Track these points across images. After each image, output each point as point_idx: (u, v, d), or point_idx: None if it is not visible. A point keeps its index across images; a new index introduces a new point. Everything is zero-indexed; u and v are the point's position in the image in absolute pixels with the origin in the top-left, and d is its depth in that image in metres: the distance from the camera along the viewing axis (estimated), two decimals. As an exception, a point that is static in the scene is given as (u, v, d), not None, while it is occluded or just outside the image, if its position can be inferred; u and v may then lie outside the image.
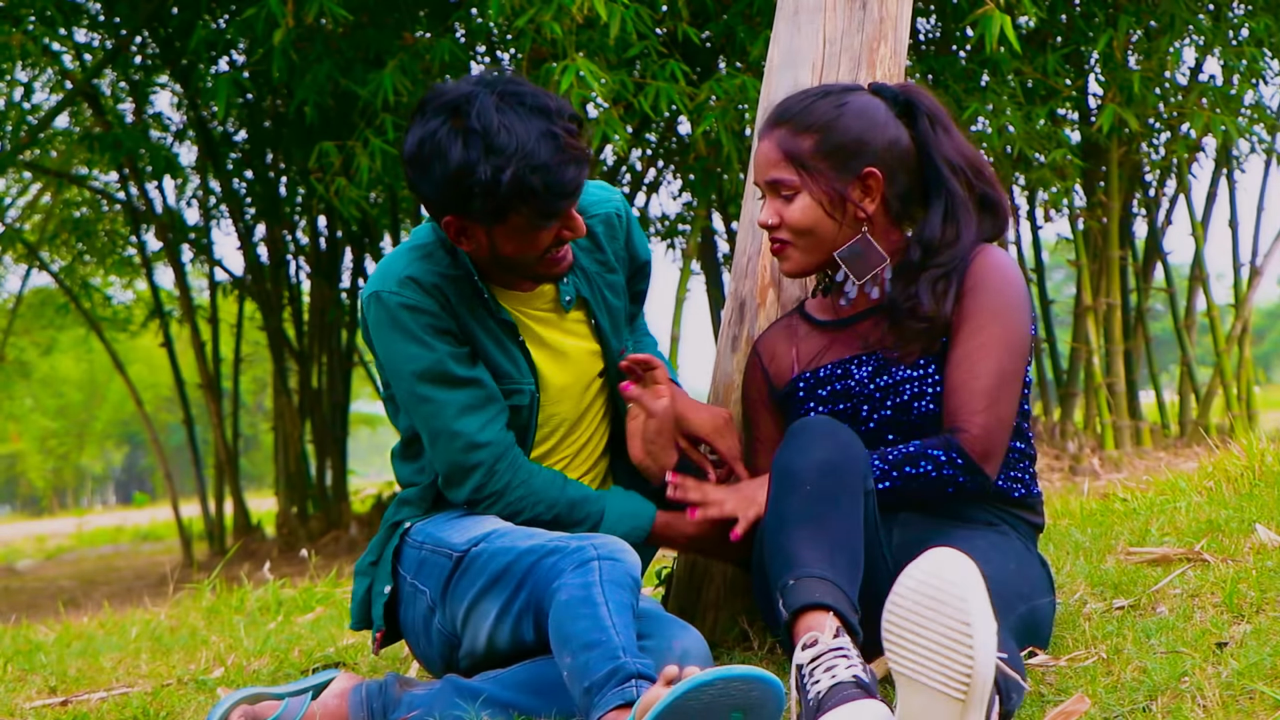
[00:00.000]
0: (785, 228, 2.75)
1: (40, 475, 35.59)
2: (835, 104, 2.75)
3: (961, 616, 2.02)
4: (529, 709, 2.64)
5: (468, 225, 2.74)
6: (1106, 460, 9.67)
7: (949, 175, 2.74)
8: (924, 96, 2.80)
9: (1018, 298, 2.71)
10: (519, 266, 2.83)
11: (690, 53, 8.19)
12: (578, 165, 2.69)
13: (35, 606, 9.06)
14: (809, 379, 2.83)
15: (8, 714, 3.20)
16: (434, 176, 2.68)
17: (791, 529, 2.41)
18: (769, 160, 2.76)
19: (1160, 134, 10.39)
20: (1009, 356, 2.68)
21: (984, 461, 2.62)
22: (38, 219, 13.81)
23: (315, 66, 7.65)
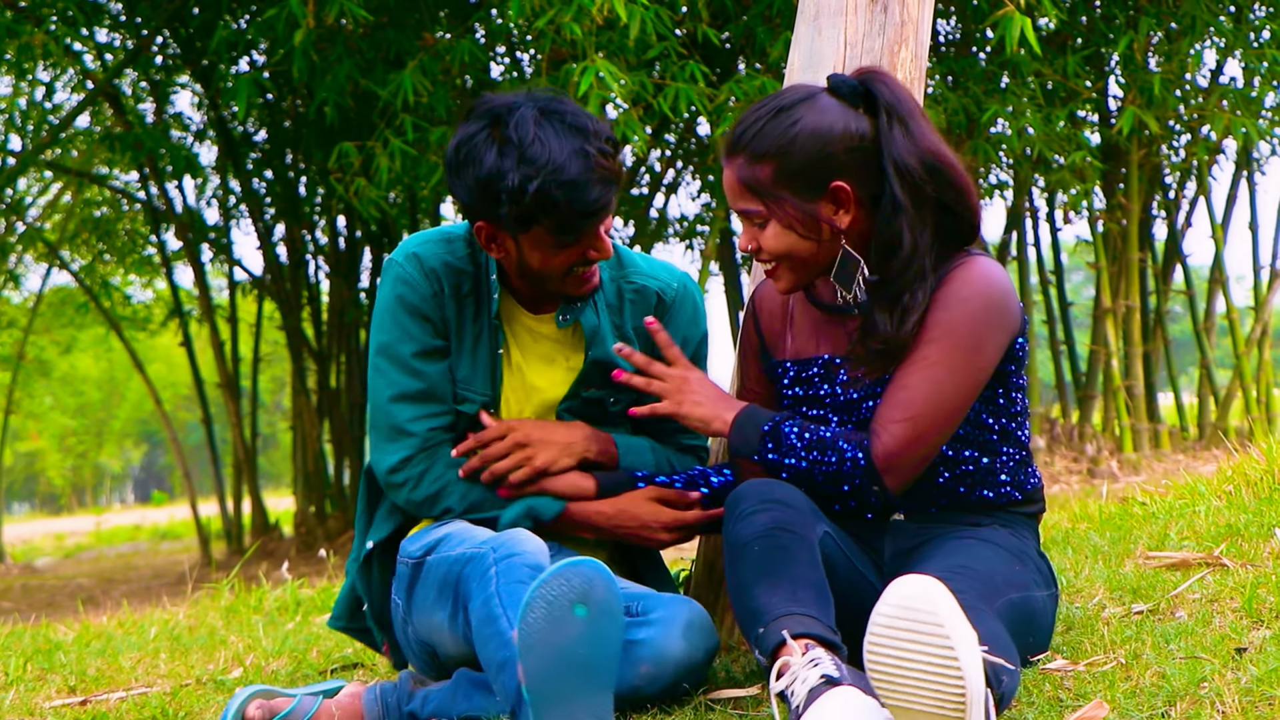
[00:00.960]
0: (765, 253, 2.68)
1: (59, 473, 35.71)
2: (788, 123, 2.62)
3: (942, 642, 2.02)
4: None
5: (497, 233, 2.81)
6: (1125, 463, 9.66)
7: (893, 177, 2.60)
8: (884, 87, 2.66)
9: (980, 315, 2.59)
10: (543, 280, 2.87)
11: (710, 54, 8.19)
12: (605, 185, 2.74)
13: (54, 604, 9.11)
14: (791, 369, 2.80)
15: (28, 713, 3.21)
16: (467, 180, 2.76)
17: (750, 588, 2.42)
18: (733, 191, 2.68)
19: (1180, 136, 10.37)
20: (950, 376, 2.58)
21: (886, 473, 2.58)
22: (58, 218, 13.86)
23: (335, 67, 7.67)
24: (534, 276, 2.87)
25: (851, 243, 2.67)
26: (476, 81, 8.83)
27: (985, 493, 2.71)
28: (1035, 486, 2.79)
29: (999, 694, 2.16)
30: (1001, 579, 2.50)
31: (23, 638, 4.43)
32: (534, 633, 2.26)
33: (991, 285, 2.61)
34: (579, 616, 2.27)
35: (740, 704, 2.64)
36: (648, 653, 2.63)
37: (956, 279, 2.61)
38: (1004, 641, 2.28)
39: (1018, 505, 2.75)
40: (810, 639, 2.28)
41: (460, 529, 2.81)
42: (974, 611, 2.30)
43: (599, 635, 2.28)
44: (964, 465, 2.69)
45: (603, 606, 2.29)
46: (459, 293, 2.91)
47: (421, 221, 11.64)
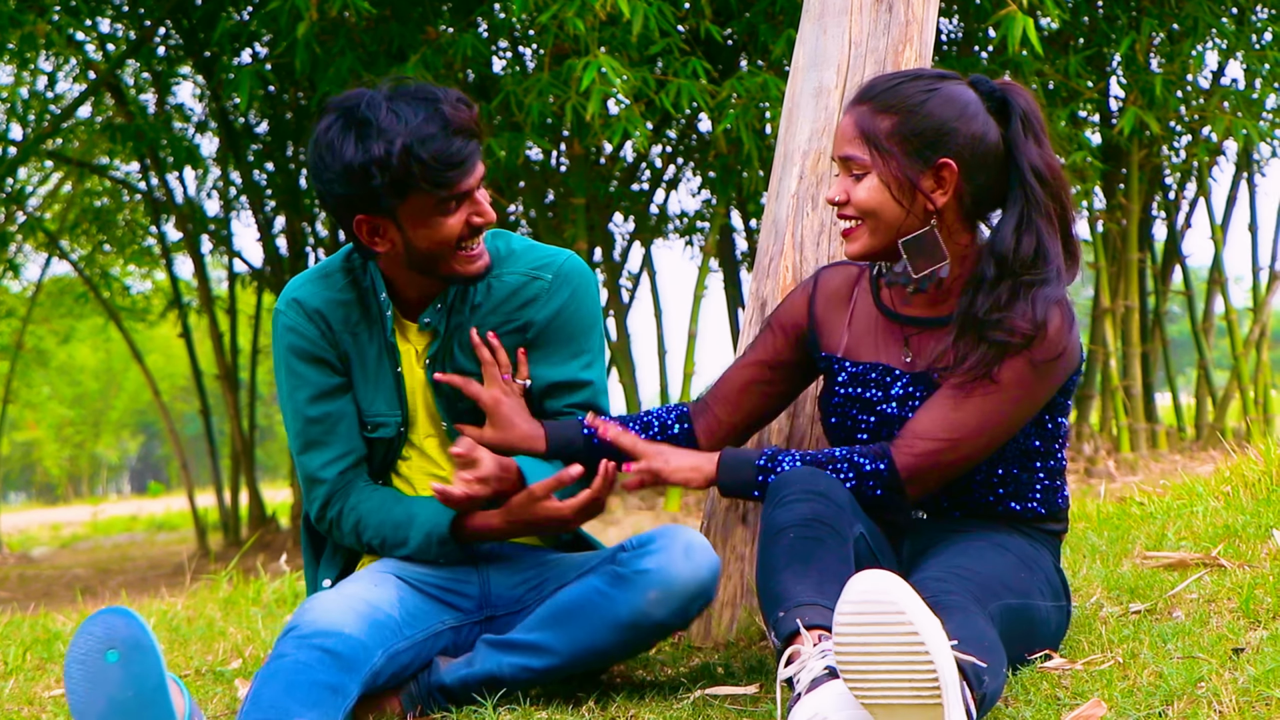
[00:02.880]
0: (851, 205, 2.66)
1: (56, 463, 35.70)
2: (924, 88, 2.64)
3: (906, 629, 2.04)
4: (554, 641, 2.72)
5: (378, 222, 2.79)
6: (1122, 463, 9.67)
7: (1032, 181, 2.60)
8: (1022, 97, 2.67)
9: (1068, 349, 2.59)
10: (435, 262, 2.83)
11: (712, 50, 8.19)
12: (465, 137, 2.74)
13: (50, 594, 9.11)
14: (848, 368, 2.76)
15: (27, 702, 3.22)
16: (334, 172, 2.73)
17: (777, 573, 2.43)
18: (845, 136, 2.67)
19: (1181, 137, 10.38)
20: (1013, 407, 2.58)
21: (909, 483, 2.59)
22: (58, 208, 13.86)
23: (338, 60, 7.67)
24: (424, 260, 2.83)
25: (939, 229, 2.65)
26: (479, 75, 8.84)
27: (1013, 505, 2.71)
28: (1062, 506, 2.78)
29: (980, 694, 2.17)
30: (1001, 583, 2.50)
31: (21, 627, 4.44)
32: (79, 694, 2.30)
33: (1067, 336, 2.59)
34: (112, 663, 2.30)
35: (739, 700, 2.65)
36: (654, 579, 2.69)
37: (1053, 312, 2.57)
38: (988, 642, 2.27)
39: (1042, 521, 2.75)
40: (827, 631, 2.28)
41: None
42: (963, 612, 2.31)
43: (137, 673, 2.32)
44: (998, 478, 2.69)
45: (132, 644, 2.32)
46: (348, 323, 2.93)
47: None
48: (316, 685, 2.51)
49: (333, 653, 2.58)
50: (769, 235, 3.24)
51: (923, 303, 2.73)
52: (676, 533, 2.76)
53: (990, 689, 2.22)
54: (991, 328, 2.56)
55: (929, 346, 2.69)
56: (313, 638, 2.58)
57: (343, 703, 2.55)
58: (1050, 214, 2.61)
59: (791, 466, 2.62)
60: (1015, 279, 2.57)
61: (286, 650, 2.57)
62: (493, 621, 2.92)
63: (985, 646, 2.25)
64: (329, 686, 2.53)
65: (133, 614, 2.31)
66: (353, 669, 2.60)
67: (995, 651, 2.28)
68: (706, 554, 2.74)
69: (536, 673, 2.74)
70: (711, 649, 3.16)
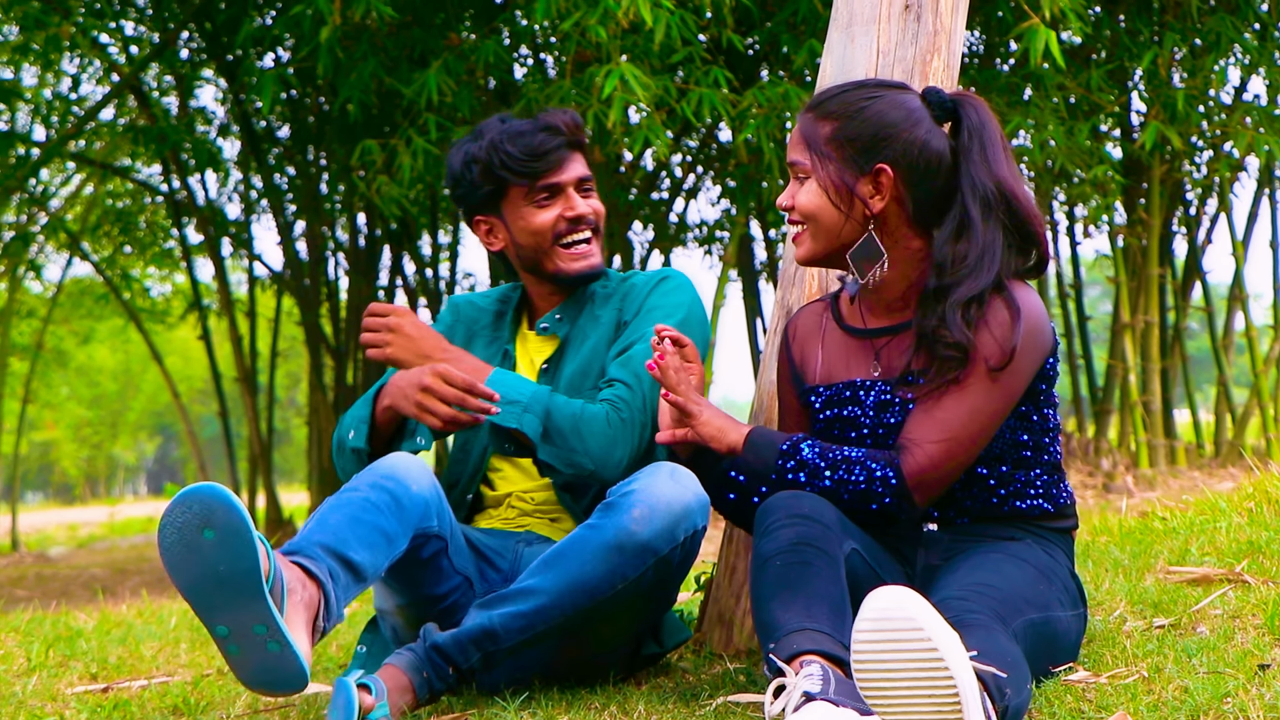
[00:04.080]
0: (796, 211, 2.74)
1: (74, 464, 35.80)
2: (865, 96, 2.71)
3: (924, 645, 2.04)
4: (541, 582, 2.74)
5: (490, 221, 3.16)
6: (1140, 479, 9.64)
7: (967, 192, 2.66)
8: (973, 110, 2.72)
9: (1023, 344, 2.61)
10: (539, 258, 3.12)
11: (734, 60, 8.20)
12: (552, 133, 3.07)
13: (68, 594, 9.13)
14: (822, 393, 2.81)
15: (50, 699, 3.23)
16: (449, 177, 3.16)
17: (767, 603, 2.43)
18: (792, 141, 2.76)
19: (1203, 152, 10.35)
20: (989, 402, 2.61)
21: (916, 490, 2.60)
22: (80, 209, 13.91)
23: (360, 64, 7.68)
24: (530, 256, 3.13)
25: (880, 236, 2.70)
26: (500, 82, 8.85)
27: (1018, 504, 2.72)
28: (1067, 502, 2.79)
29: (1002, 707, 2.16)
30: (1022, 598, 2.50)
31: (43, 624, 4.45)
32: (173, 557, 2.38)
33: (1028, 310, 2.63)
34: (208, 539, 2.36)
35: (760, 708, 2.65)
36: (638, 497, 2.72)
37: (998, 309, 2.62)
38: (1012, 659, 2.27)
39: (1050, 519, 2.75)
40: (817, 655, 2.29)
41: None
42: (985, 630, 2.31)
43: (232, 553, 2.37)
44: (997, 478, 2.71)
45: (228, 528, 2.36)
46: (475, 325, 3.26)
47: (442, 221, 11.65)
48: (376, 528, 2.65)
49: (399, 501, 2.71)
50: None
51: (885, 313, 2.79)
52: (662, 464, 2.80)
53: (1014, 703, 2.21)
54: (935, 341, 2.62)
55: (896, 354, 2.75)
56: (387, 481, 2.73)
57: (391, 552, 2.68)
58: (980, 222, 2.64)
59: (809, 455, 2.64)
60: (954, 289, 2.62)
61: (360, 486, 2.72)
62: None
63: (1008, 662, 2.24)
64: (386, 533, 2.67)
65: (232, 499, 2.37)
66: (408, 523, 2.72)
67: (1019, 667, 2.27)
68: (692, 480, 2.77)
69: (526, 617, 2.72)
70: (733, 656, 3.16)
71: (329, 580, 2.54)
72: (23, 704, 3.14)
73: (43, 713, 3.04)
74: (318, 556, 2.56)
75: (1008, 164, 2.70)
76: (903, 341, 2.74)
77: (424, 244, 12.02)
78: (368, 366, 11.76)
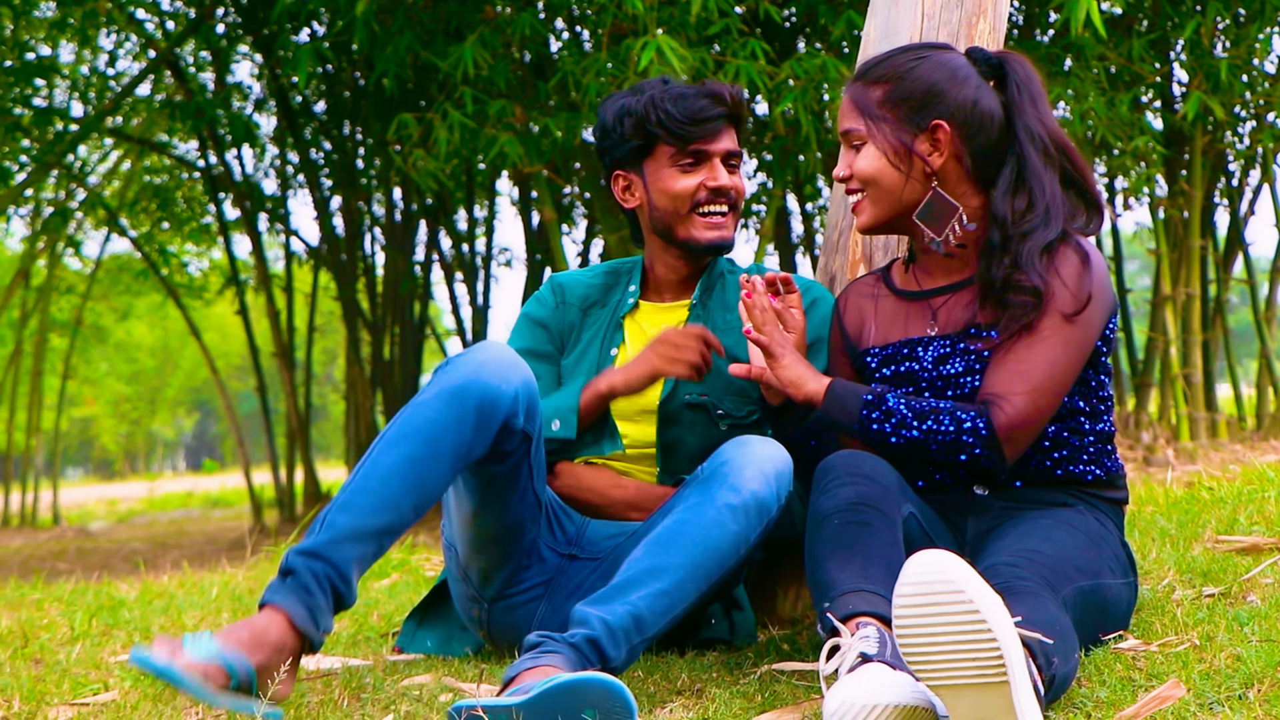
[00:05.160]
0: (854, 178, 2.74)
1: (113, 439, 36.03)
2: (913, 57, 2.73)
3: (965, 606, 2.01)
4: (676, 560, 2.61)
5: (630, 178, 3.12)
6: (1181, 452, 9.56)
7: (1024, 140, 2.67)
8: (1019, 65, 2.73)
9: (1093, 293, 2.63)
10: (674, 223, 3.08)
11: (771, 31, 8.15)
12: (714, 101, 3.01)
13: (109, 566, 9.19)
14: (878, 354, 2.80)
15: (93, 667, 3.24)
16: (600, 128, 3.13)
17: (823, 561, 2.41)
18: (843, 111, 2.76)
19: (1246, 123, 10.23)
20: (1066, 352, 2.61)
21: (1006, 442, 2.58)
22: (118, 185, 13.96)
23: (396, 38, 7.66)
24: (664, 221, 3.09)
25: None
26: (536, 55, 8.82)
27: (1071, 469, 2.71)
28: (1117, 470, 2.77)
29: (1049, 676, 2.14)
30: (1073, 565, 2.47)
31: (86, 594, 4.48)
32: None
33: (1096, 258, 2.64)
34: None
35: (805, 676, 2.64)
36: (744, 461, 2.70)
37: (1068, 256, 2.63)
38: (1060, 627, 2.24)
39: (1102, 487, 2.73)
40: (872, 617, 2.27)
41: None
42: (1034, 597, 2.29)
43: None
44: (1051, 441, 2.69)
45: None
46: (584, 303, 3.23)
47: (478, 196, 11.64)
48: (416, 486, 2.59)
49: (477, 412, 2.64)
50: (838, 209, 3.21)
51: (942, 273, 2.79)
52: (744, 436, 2.79)
53: (1060, 671, 2.19)
54: (1006, 289, 2.62)
55: (955, 312, 2.75)
56: (468, 388, 2.64)
57: (439, 487, 2.64)
58: (1043, 171, 2.66)
59: (895, 405, 2.62)
60: (1015, 236, 2.63)
61: (430, 401, 2.63)
62: (572, 561, 2.96)
63: (1056, 630, 2.21)
64: (424, 486, 2.60)
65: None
66: (487, 430, 2.66)
67: (1067, 636, 2.24)
68: (774, 443, 2.76)
69: (669, 596, 2.56)
70: (777, 626, 3.14)
71: (309, 619, 2.46)
72: (67, 672, 3.15)
73: (86, 680, 3.05)
74: (310, 583, 2.48)
75: (1054, 119, 2.72)
76: (962, 298, 2.74)
77: (460, 218, 12.02)
78: (404, 341, 11.79)
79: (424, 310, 12.31)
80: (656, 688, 2.65)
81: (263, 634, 2.43)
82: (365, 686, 2.79)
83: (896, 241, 3.12)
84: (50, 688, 2.96)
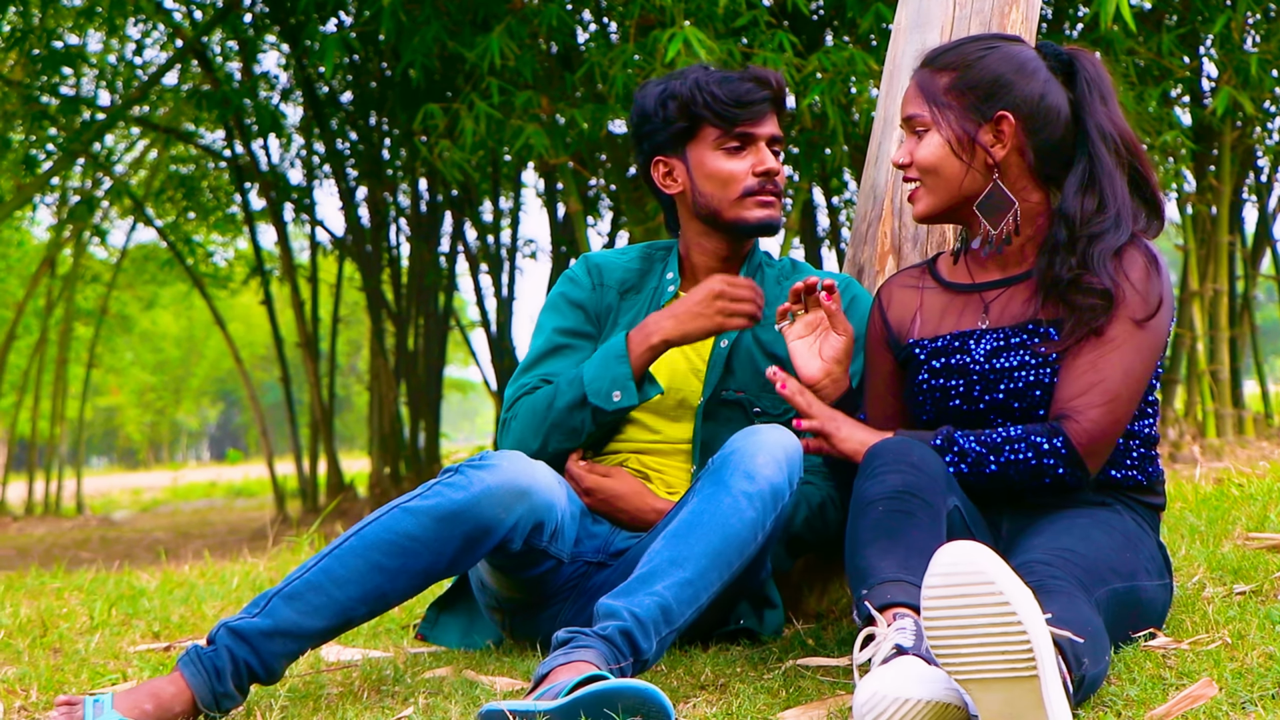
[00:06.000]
0: (915, 166, 2.70)
1: (137, 429, 36.20)
2: (983, 46, 2.69)
3: (995, 598, 1.97)
4: (697, 550, 2.58)
5: (671, 163, 3.05)
6: (1207, 448, 9.50)
7: (1096, 139, 2.63)
8: (1090, 62, 2.69)
9: (1163, 298, 2.59)
10: (722, 206, 3.02)
11: (798, 24, 8.11)
12: (759, 85, 2.98)
13: (132, 556, 9.20)
14: (926, 345, 2.76)
15: (113, 656, 3.23)
16: (640, 113, 3.07)
17: (864, 548, 2.37)
18: (907, 97, 2.73)
19: (1275, 118, 10.16)
20: (1139, 358, 2.57)
21: (1088, 457, 2.55)
22: (144, 174, 13.99)
23: (423, 29, 7.64)
24: (709, 207, 3.02)
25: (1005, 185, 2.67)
26: (563, 46, 8.79)
27: (1113, 473, 2.66)
28: (1158, 476, 2.74)
29: (1079, 676, 2.10)
30: (1107, 566, 2.43)
31: (106, 584, 4.47)
32: None
33: (1164, 268, 2.61)
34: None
35: (830, 672, 2.61)
36: (754, 448, 2.68)
37: (1135, 257, 2.59)
38: (1093, 629, 2.20)
39: (1142, 492, 2.70)
40: (910, 609, 2.23)
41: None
42: (1068, 596, 2.25)
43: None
44: None
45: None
46: (622, 287, 3.15)
47: (503, 187, 11.62)
48: (351, 600, 2.54)
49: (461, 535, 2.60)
50: (867, 200, 3.18)
51: (996, 266, 2.75)
52: (754, 426, 2.76)
53: (1091, 673, 2.15)
54: (1073, 289, 2.58)
55: (1010, 306, 2.70)
56: (465, 513, 2.59)
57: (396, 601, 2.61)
58: (1114, 172, 2.62)
59: (967, 445, 2.58)
60: (1083, 237, 2.59)
61: (416, 530, 2.57)
62: (600, 569, 2.93)
63: (1088, 631, 2.17)
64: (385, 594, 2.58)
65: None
66: (476, 547, 2.62)
67: (1098, 638, 2.20)
68: (783, 429, 2.74)
69: (694, 585, 2.52)
70: (802, 620, 3.12)
71: (213, 702, 2.43)
72: (85, 661, 3.14)
73: (105, 670, 3.04)
74: (225, 667, 2.45)
75: (1125, 118, 2.68)
76: (1019, 293, 2.70)
77: (485, 210, 12.01)
78: (428, 332, 11.79)
79: (449, 301, 12.31)
80: (680, 682, 2.63)
81: (168, 708, 2.42)
82: (385, 679, 2.77)
83: (926, 233, 3.09)
84: (68, 677, 2.95)
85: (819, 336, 2.79)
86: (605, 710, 2.17)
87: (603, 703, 2.17)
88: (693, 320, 2.92)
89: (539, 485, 2.68)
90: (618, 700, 2.18)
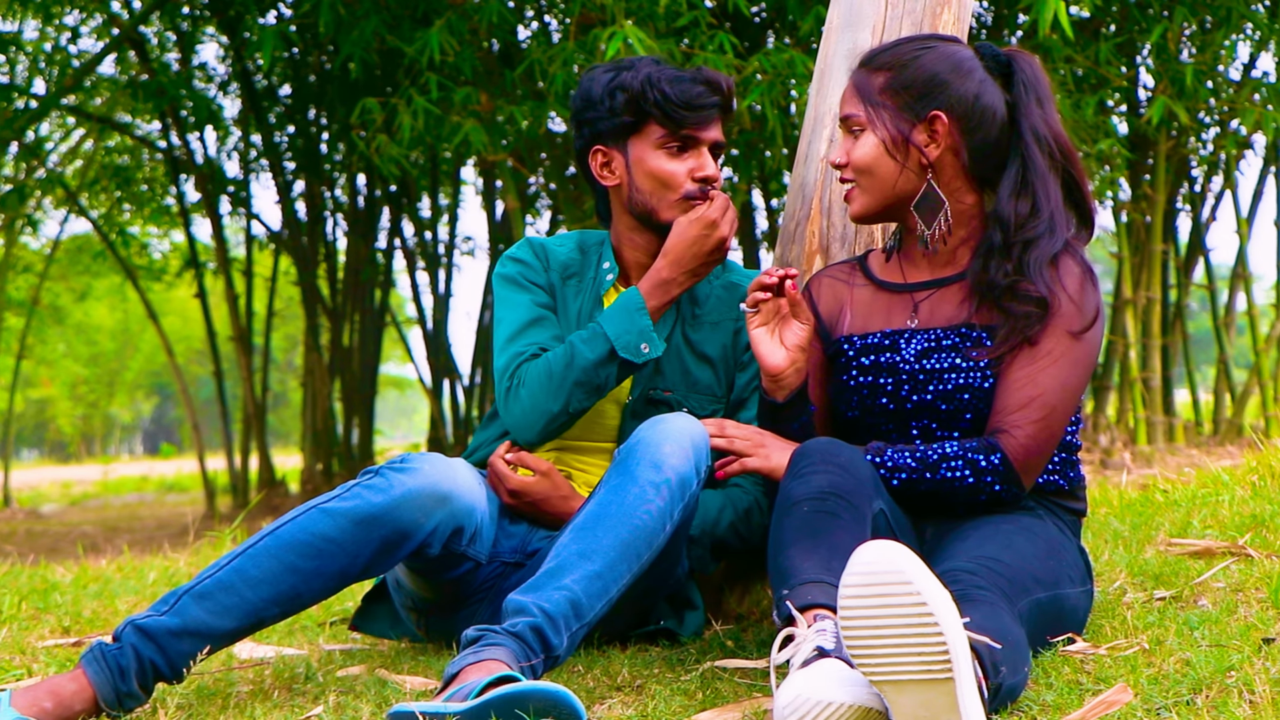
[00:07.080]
0: (850, 166, 2.69)
1: (69, 422, 35.74)
2: (919, 46, 2.69)
3: (913, 598, 1.95)
4: (605, 542, 2.56)
5: (611, 154, 3.01)
6: (1138, 455, 9.57)
7: (1030, 141, 2.62)
8: (1027, 64, 2.69)
9: (1099, 310, 2.60)
10: (657, 205, 2.98)
11: (740, 25, 8.11)
12: (710, 90, 2.95)
13: (57, 550, 9.07)
14: (856, 342, 2.74)
15: (19, 651, 3.17)
16: (585, 99, 3.02)
17: (787, 548, 2.34)
18: (845, 97, 2.72)
19: (1209, 129, 10.25)
20: (1075, 372, 2.58)
21: (1024, 472, 2.55)
22: (78, 165, 13.80)
23: (362, 22, 7.58)
24: (646, 201, 2.99)
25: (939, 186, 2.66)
26: (503, 43, 8.75)
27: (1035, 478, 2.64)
28: (1079, 482, 2.74)
29: (995, 684, 2.09)
30: (1030, 576, 2.42)
31: (20, 577, 4.39)
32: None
33: (1095, 279, 2.61)
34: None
35: (748, 674, 2.59)
36: (658, 438, 2.66)
37: (1073, 269, 2.59)
38: (1013, 639, 2.19)
39: (1063, 497, 2.70)
40: (831, 610, 2.21)
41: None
42: (990, 606, 2.24)
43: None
44: None
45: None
46: (565, 272, 3.10)
47: (442, 183, 11.54)
48: (263, 599, 2.53)
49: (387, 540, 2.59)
50: (796, 199, 3.16)
51: (928, 266, 2.74)
52: (661, 416, 2.75)
53: (1009, 681, 2.13)
54: (1008, 296, 2.57)
55: (938, 308, 2.70)
56: (387, 520, 2.57)
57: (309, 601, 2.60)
58: (1048, 175, 2.62)
59: (899, 459, 2.57)
60: (1018, 242, 2.59)
61: (337, 530, 2.54)
62: (516, 569, 2.91)
63: (1009, 640, 2.16)
64: (298, 594, 2.56)
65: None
66: (398, 547, 2.61)
67: (1018, 648, 2.19)
68: (690, 418, 2.73)
69: (602, 579, 2.50)
70: (722, 621, 3.09)
71: (115, 701, 2.40)
72: (-6, 656, 3.07)
73: (10, 665, 2.97)
74: (130, 666, 2.41)
75: (1060, 123, 2.68)
76: (950, 295, 2.70)
77: (423, 206, 11.94)
78: (364, 329, 11.70)
79: (385, 298, 12.23)
80: (596, 682, 2.60)
81: (68, 706, 2.37)
82: (298, 677, 2.73)
83: (855, 232, 3.07)
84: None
85: (777, 324, 2.75)
86: (516, 711, 2.14)
87: (513, 704, 2.14)
88: (695, 260, 2.93)
89: (460, 490, 2.65)
90: (529, 702, 2.15)
